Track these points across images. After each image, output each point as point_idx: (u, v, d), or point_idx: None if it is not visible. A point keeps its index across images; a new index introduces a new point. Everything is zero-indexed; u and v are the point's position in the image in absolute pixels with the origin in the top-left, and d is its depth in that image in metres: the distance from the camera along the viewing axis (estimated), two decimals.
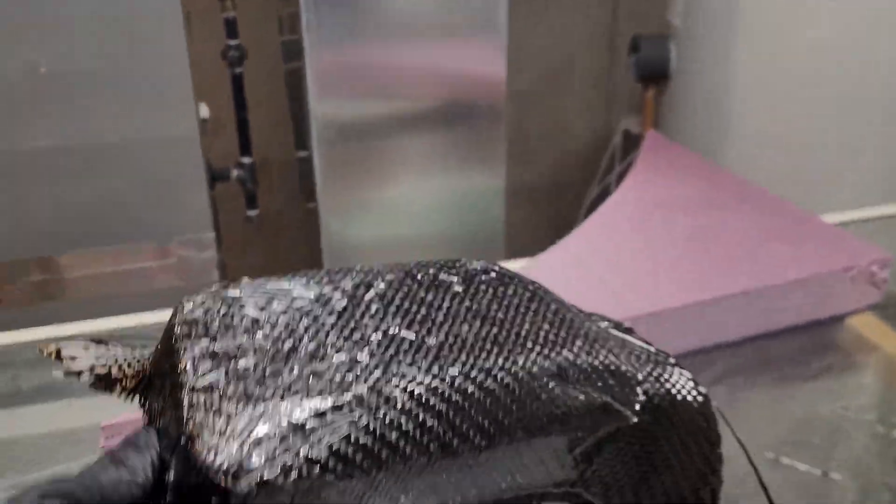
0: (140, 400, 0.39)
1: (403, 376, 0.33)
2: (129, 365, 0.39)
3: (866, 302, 0.88)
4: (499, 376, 0.34)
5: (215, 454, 0.30)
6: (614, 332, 0.43)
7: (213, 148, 1.83)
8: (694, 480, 0.41)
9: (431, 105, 1.51)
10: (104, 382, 0.38)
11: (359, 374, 0.33)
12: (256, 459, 0.30)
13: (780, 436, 0.71)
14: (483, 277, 0.40)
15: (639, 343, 0.43)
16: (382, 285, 0.38)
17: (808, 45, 1.49)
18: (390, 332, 0.35)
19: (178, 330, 0.35)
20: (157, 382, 0.37)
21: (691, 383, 0.41)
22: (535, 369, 0.35)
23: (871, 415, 0.73)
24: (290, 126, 1.85)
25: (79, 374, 0.38)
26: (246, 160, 1.72)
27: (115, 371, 0.38)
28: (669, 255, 0.89)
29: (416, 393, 0.32)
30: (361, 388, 0.32)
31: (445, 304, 0.38)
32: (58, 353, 0.38)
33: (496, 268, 0.42)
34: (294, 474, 0.30)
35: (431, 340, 0.35)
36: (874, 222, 1.09)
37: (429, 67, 1.48)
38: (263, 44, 1.81)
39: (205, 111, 1.56)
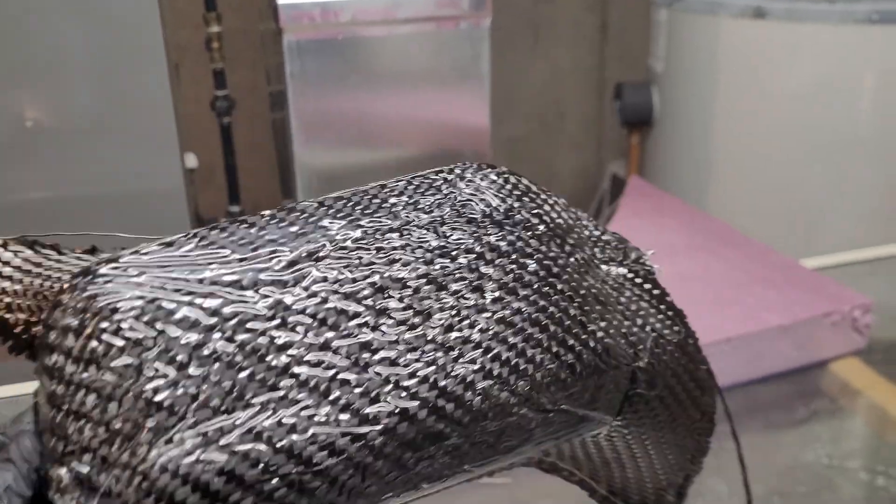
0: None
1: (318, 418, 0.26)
2: (28, 299, 0.28)
3: (850, 347, 0.88)
4: (445, 406, 0.27)
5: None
6: (626, 277, 0.35)
7: (202, 197, 1.84)
8: (668, 468, 0.37)
9: (415, 153, 1.51)
10: None
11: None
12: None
13: (768, 485, 0.71)
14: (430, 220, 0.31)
15: (647, 293, 0.35)
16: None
17: (789, 88, 1.50)
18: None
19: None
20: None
21: (694, 365, 0.34)
22: (497, 396, 0.28)
23: (856, 462, 0.72)
24: (277, 174, 1.86)
25: None
26: (234, 209, 1.72)
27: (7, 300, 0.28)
28: None
29: (337, 445, 0.25)
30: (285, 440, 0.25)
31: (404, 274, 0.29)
32: None
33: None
34: None
35: (366, 365, 0.27)
36: (858, 266, 1.09)
37: (412, 116, 1.49)
38: (252, 94, 1.83)
39: (193, 161, 1.57)
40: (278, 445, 0.24)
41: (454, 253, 0.30)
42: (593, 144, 2.31)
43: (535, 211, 0.33)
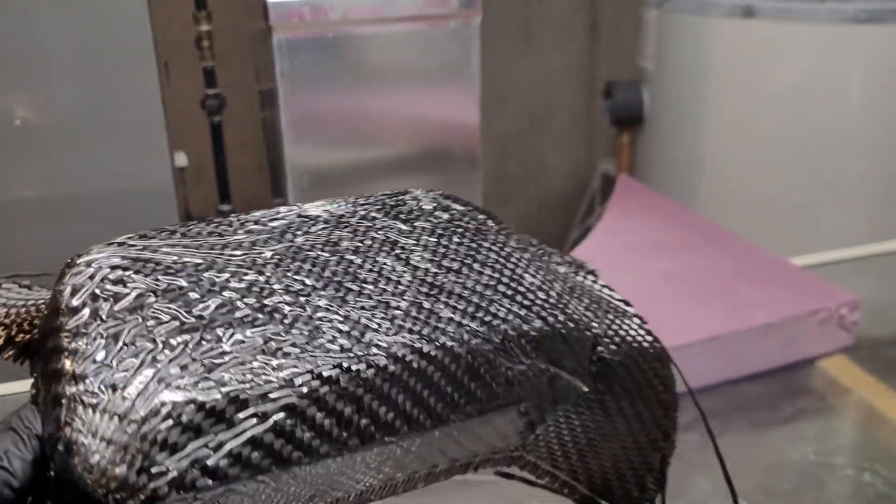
0: (30, 364, 0.31)
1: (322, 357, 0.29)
2: (23, 316, 0.31)
3: (837, 345, 0.88)
4: (427, 350, 0.30)
5: (92, 458, 0.25)
6: (576, 277, 0.39)
7: (193, 196, 1.83)
8: (643, 446, 0.39)
9: (406, 151, 1.52)
10: None
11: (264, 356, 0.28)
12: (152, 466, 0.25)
13: (752, 483, 0.71)
14: (424, 223, 0.36)
15: (597, 289, 0.40)
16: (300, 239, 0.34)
17: (778, 87, 1.51)
18: (305, 300, 0.30)
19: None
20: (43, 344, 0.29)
21: (649, 341, 0.39)
22: (473, 342, 0.31)
23: (842, 459, 0.73)
24: (268, 173, 1.86)
25: None
26: (225, 207, 1.72)
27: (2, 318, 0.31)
28: (640, 299, 0.89)
29: (334, 377, 0.28)
30: (272, 376, 0.27)
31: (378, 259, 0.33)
32: None
33: (449, 205, 0.38)
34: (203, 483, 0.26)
35: (350, 309, 0.31)
36: (846, 263, 1.10)
37: (403, 114, 1.49)
38: (242, 92, 1.82)
39: (183, 160, 1.56)
40: (274, 373, 0.27)
41: (409, 240, 0.35)
42: (584, 143, 2.31)
43: (478, 217, 0.38)
